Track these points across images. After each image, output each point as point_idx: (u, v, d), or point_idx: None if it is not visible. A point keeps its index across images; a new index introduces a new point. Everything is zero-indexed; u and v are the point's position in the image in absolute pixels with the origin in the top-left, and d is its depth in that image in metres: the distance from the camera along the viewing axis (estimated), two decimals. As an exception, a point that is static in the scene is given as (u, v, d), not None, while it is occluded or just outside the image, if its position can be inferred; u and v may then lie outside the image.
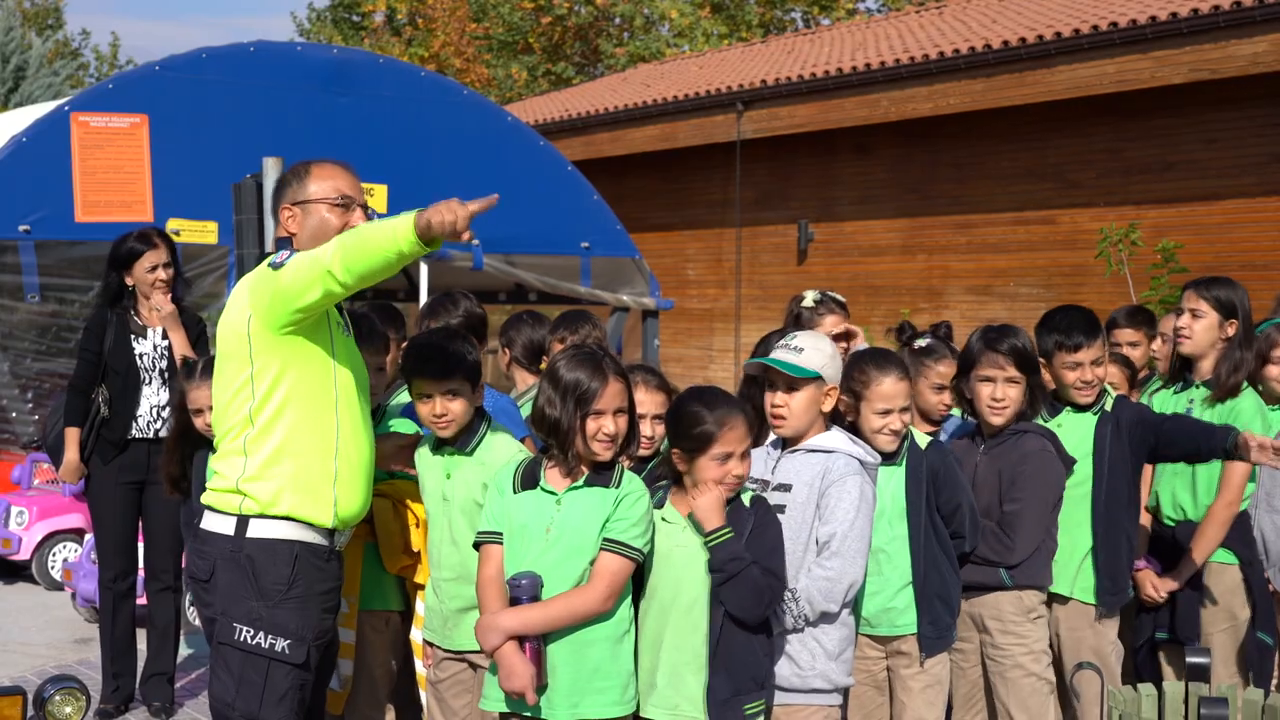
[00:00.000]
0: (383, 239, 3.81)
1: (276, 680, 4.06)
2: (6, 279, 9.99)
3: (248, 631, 4.05)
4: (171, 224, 10.81)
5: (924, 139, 16.76)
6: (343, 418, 4.21)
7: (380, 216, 13.60)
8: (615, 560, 3.99)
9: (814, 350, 4.44)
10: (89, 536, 8.21)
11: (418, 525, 4.68)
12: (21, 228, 10.09)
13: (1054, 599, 5.10)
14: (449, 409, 4.44)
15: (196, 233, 11.04)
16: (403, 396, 4.91)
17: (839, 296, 5.94)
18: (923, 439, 4.84)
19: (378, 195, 12.51)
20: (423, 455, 4.63)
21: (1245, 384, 5.39)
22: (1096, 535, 5.04)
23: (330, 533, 4.23)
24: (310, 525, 4.16)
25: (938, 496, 4.72)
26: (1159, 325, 6.49)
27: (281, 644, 4.07)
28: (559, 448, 4.07)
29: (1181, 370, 5.63)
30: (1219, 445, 4.76)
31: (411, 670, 4.95)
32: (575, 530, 4.02)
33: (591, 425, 4.02)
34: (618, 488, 4.04)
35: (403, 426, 4.82)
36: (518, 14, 34.01)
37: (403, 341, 5.11)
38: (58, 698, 4.08)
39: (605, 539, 3.99)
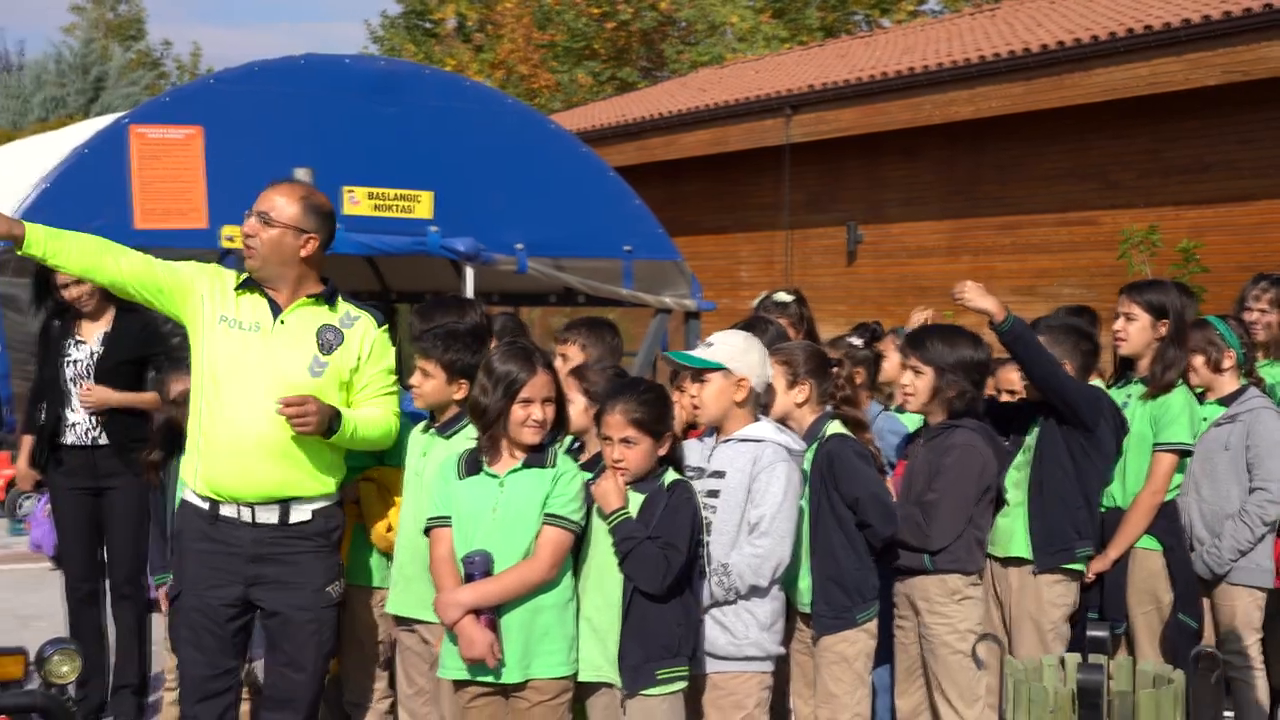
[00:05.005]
0: None
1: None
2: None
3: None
4: (225, 230, 11.28)
5: (969, 141, 17.00)
6: (207, 399, 4.74)
7: (425, 223, 13.97)
8: (557, 533, 4.45)
9: (723, 345, 4.85)
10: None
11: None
12: (82, 235, 10.58)
13: (1007, 562, 5.50)
14: (420, 384, 4.99)
15: (249, 239, 11.47)
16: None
17: (785, 299, 6.36)
18: (838, 429, 5.17)
19: (424, 202, 12.95)
20: (415, 431, 5.08)
21: (1180, 380, 5.68)
22: (1030, 497, 5.42)
23: (209, 500, 4.74)
24: (190, 488, 4.81)
25: (837, 487, 5.06)
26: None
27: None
28: (487, 432, 4.47)
29: (1123, 368, 5.95)
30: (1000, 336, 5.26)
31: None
32: (519, 509, 4.46)
33: (521, 412, 4.43)
34: (554, 467, 4.51)
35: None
36: (582, 20, 34.44)
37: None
38: (56, 657, 4.52)
39: (546, 514, 4.46)
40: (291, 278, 4.78)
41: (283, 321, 4.76)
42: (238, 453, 4.70)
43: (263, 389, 4.65)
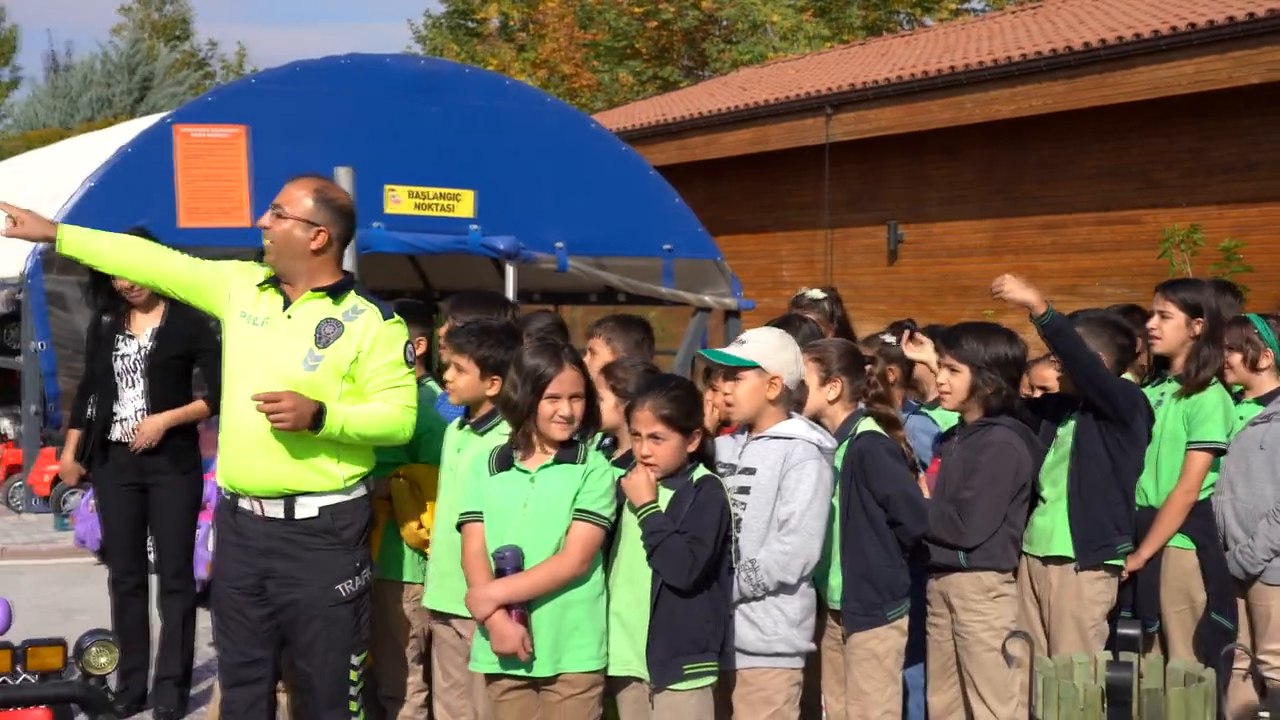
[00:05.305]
0: None
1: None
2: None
3: None
4: (268, 230, 11.41)
5: (1010, 140, 16.95)
6: (225, 393, 4.82)
7: (466, 222, 14.03)
8: (587, 529, 4.48)
9: (756, 343, 4.87)
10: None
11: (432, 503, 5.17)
12: (127, 233, 10.71)
13: (1048, 561, 5.49)
14: (454, 379, 5.03)
15: (292, 238, 11.59)
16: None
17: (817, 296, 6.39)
18: (870, 426, 5.19)
19: (464, 201, 13.04)
20: (450, 428, 5.14)
21: (1215, 379, 5.66)
22: (1070, 494, 5.41)
23: (231, 494, 4.82)
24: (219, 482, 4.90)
25: (868, 484, 5.07)
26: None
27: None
28: (518, 427, 4.54)
29: (1157, 366, 5.93)
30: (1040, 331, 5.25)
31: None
32: (549, 504, 4.50)
33: (549, 408, 4.48)
34: (584, 463, 4.54)
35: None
36: (624, 19, 34.52)
37: (430, 338, 5.57)
38: (94, 649, 4.60)
39: (577, 510, 4.49)
40: (304, 271, 4.76)
41: (289, 316, 4.77)
42: (242, 447, 4.75)
43: (261, 383, 4.67)
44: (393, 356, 4.74)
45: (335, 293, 4.76)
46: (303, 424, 4.56)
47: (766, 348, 4.85)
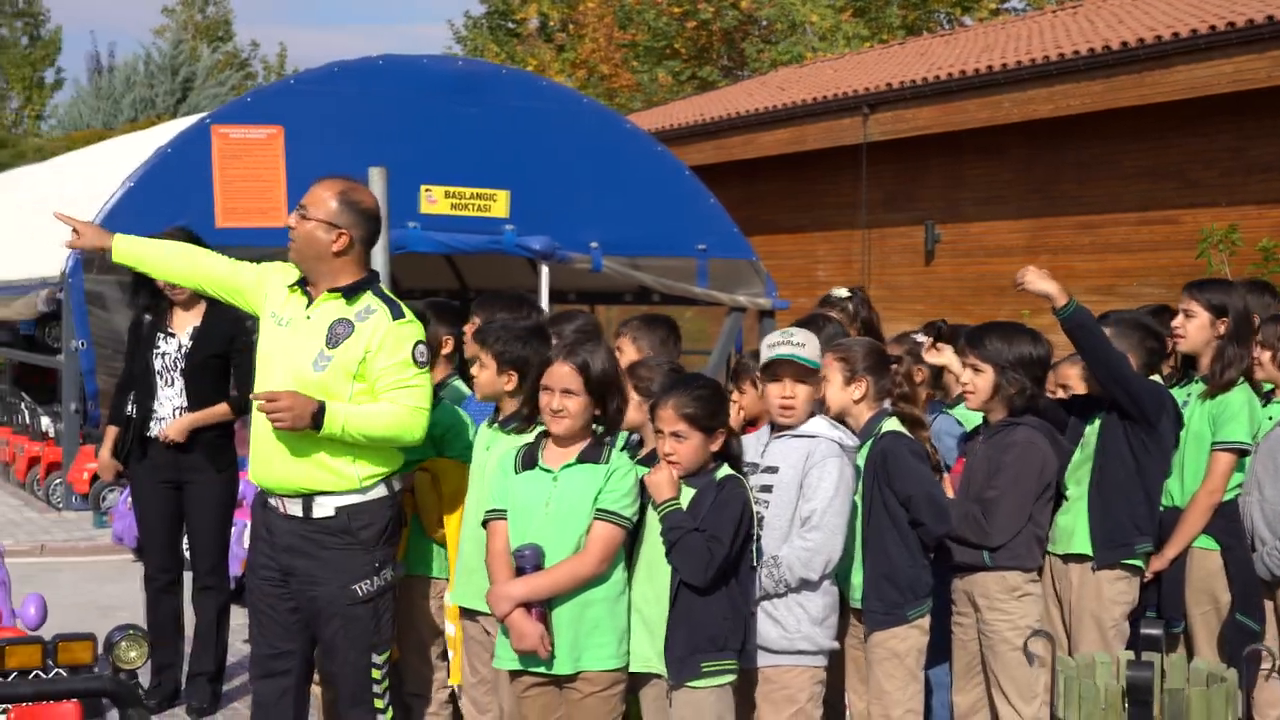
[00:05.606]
0: None
1: None
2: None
3: None
4: (305, 229, 11.48)
5: (1048, 139, 16.88)
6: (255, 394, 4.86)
7: (501, 222, 14.09)
8: (607, 528, 4.50)
9: (811, 344, 4.88)
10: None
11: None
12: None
13: (1068, 559, 5.48)
14: (477, 374, 5.09)
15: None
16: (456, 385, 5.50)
17: (842, 295, 6.40)
18: (894, 426, 5.19)
19: (500, 201, 13.12)
20: (482, 425, 5.18)
21: (1242, 380, 5.63)
22: (1091, 493, 5.40)
23: (261, 491, 4.91)
24: None
25: (890, 484, 5.07)
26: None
27: None
28: (531, 420, 4.69)
29: (1185, 367, 5.91)
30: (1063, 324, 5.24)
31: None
32: (571, 503, 4.53)
33: (543, 398, 4.57)
34: (607, 463, 4.56)
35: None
36: (663, 19, 34.54)
37: (459, 338, 5.60)
38: (124, 643, 4.67)
39: (597, 509, 4.50)
40: (325, 272, 4.79)
41: (308, 316, 4.81)
42: (265, 446, 4.81)
43: (277, 383, 4.73)
44: (401, 357, 4.72)
45: (350, 293, 4.78)
46: (301, 423, 4.60)
47: (818, 349, 4.88)
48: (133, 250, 5.14)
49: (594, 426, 4.64)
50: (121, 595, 9.15)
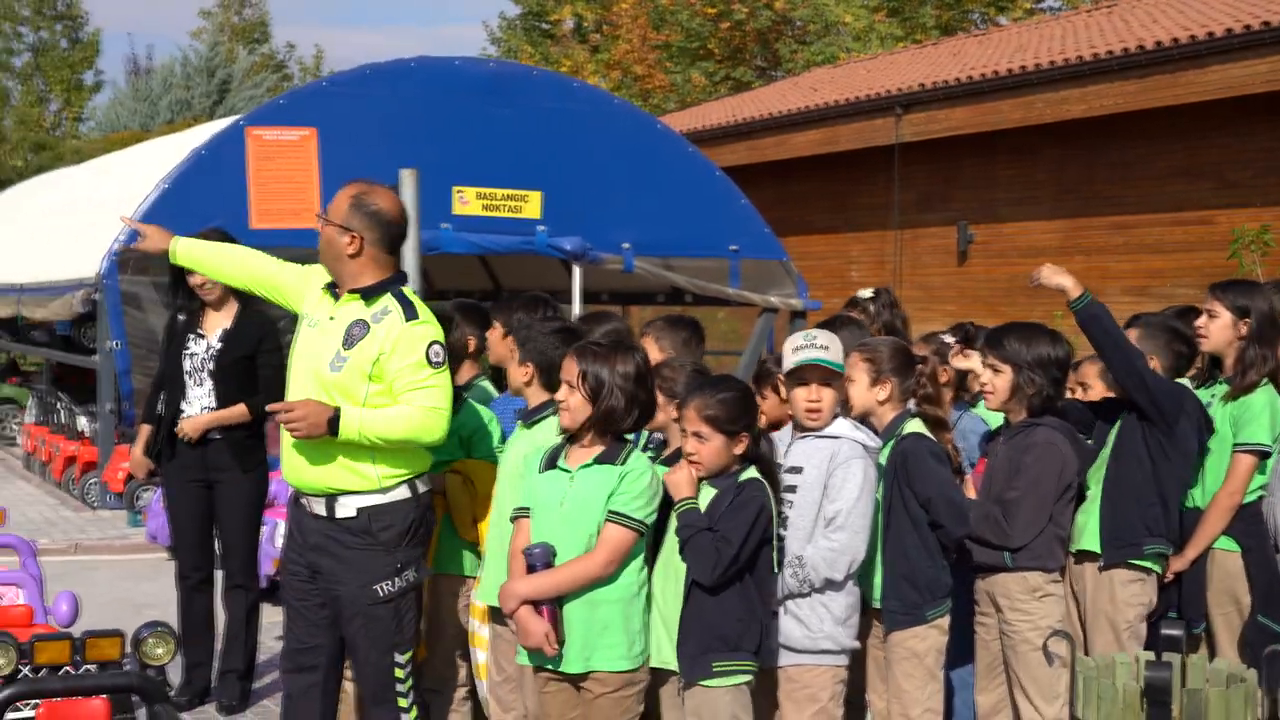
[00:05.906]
0: None
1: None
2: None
3: None
4: (338, 230, 11.55)
5: (1082, 140, 16.83)
6: (287, 394, 4.95)
7: (533, 223, 14.11)
8: (618, 530, 4.49)
9: (836, 347, 4.89)
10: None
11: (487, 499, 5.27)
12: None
13: (1080, 557, 5.49)
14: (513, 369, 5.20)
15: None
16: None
17: (865, 295, 6.41)
18: (916, 427, 5.20)
19: (532, 202, 13.16)
20: (518, 425, 5.24)
21: (1265, 381, 5.61)
22: (1105, 492, 5.41)
23: (294, 489, 4.99)
24: None
25: (910, 485, 5.09)
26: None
27: None
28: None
29: (1211, 368, 5.90)
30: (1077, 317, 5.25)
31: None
32: (583, 503, 4.54)
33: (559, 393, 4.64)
34: (624, 465, 4.55)
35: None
36: (697, 20, 34.55)
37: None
38: (151, 639, 4.72)
39: (609, 511, 4.50)
40: (346, 274, 4.87)
41: (332, 317, 4.88)
42: (291, 446, 4.89)
43: (300, 383, 4.86)
44: (415, 358, 4.74)
45: (369, 294, 4.83)
46: (318, 431, 4.67)
47: (840, 350, 4.91)
48: (191, 252, 5.48)
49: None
50: (156, 593, 9.24)
